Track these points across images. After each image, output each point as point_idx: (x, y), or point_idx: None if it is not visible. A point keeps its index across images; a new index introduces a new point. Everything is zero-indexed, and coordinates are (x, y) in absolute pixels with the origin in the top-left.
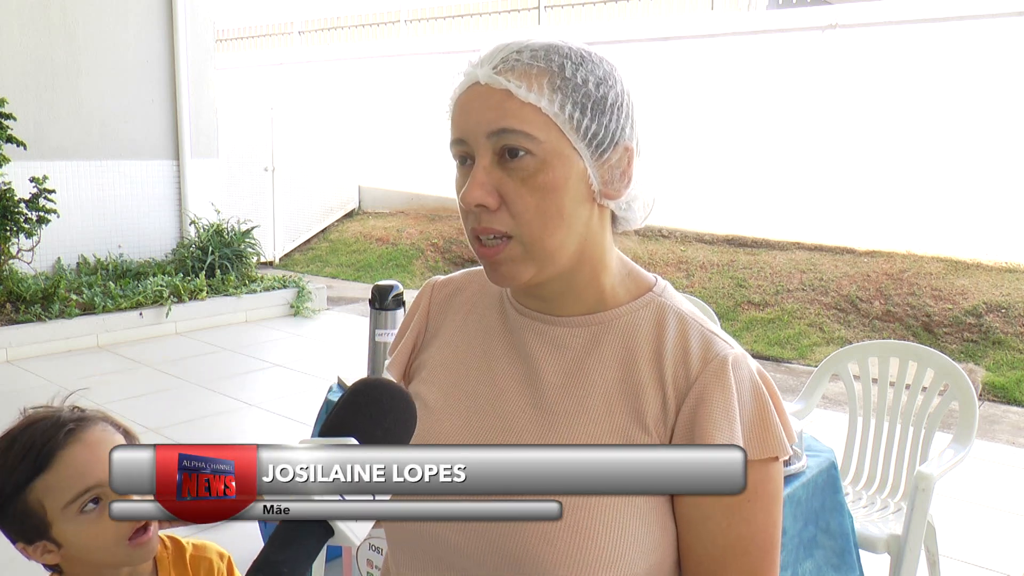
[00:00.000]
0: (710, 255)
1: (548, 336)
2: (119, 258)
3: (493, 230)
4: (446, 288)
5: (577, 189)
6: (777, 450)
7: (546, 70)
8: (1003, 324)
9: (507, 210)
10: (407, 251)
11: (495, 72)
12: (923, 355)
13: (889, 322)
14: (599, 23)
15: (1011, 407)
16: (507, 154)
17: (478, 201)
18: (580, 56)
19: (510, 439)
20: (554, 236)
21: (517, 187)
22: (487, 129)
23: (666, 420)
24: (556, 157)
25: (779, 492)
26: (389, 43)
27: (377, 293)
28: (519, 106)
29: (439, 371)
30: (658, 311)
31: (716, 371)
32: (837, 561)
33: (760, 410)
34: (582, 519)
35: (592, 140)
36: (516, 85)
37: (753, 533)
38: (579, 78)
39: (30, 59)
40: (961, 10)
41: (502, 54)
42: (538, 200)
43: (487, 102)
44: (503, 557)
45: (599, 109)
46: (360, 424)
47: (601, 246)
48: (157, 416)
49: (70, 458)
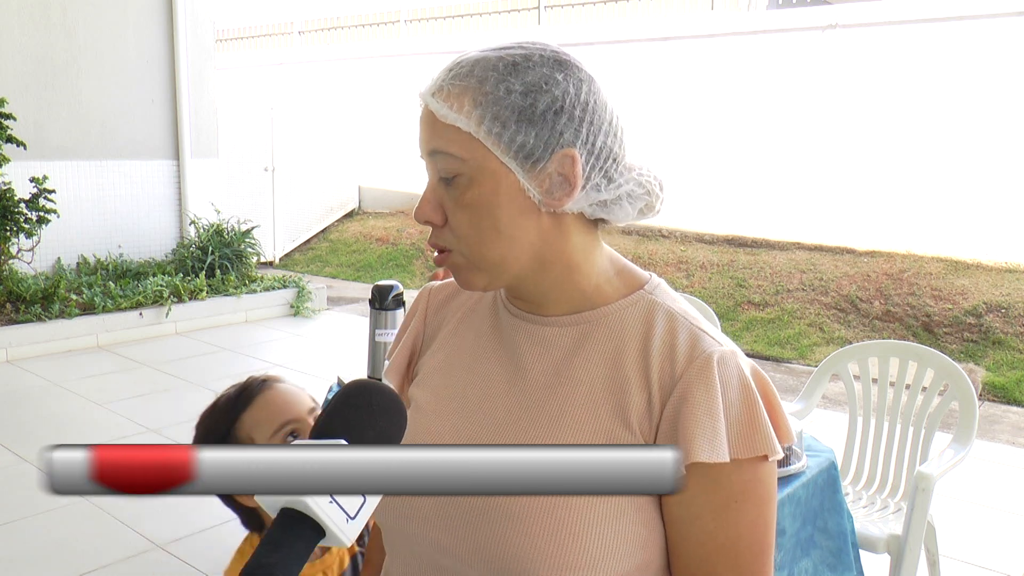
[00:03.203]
0: (710, 255)
1: (537, 336)
2: (119, 258)
3: (438, 246)
4: (442, 293)
5: (512, 202)
6: (766, 449)
7: (467, 87)
8: (1003, 324)
9: (448, 227)
10: (407, 251)
11: (431, 95)
12: (923, 355)
13: (889, 322)
14: (599, 23)
15: (1011, 407)
16: (442, 173)
17: (425, 218)
18: (511, 65)
19: (497, 439)
20: (493, 250)
21: (453, 206)
22: (426, 149)
23: (651, 418)
24: (482, 173)
25: (772, 493)
26: (389, 43)
27: (377, 293)
28: (444, 127)
29: (432, 374)
30: (647, 309)
31: (700, 369)
32: (833, 560)
33: (748, 409)
34: (564, 518)
35: (520, 151)
36: (439, 106)
37: (742, 535)
38: (502, 90)
39: (30, 59)
40: (961, 10)
41: (441, 76)
42: (470, 216)
43: (424, 123)
44: (487, 557)
45: (525, 118)
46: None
47: (567, 251)
48: (157, 416)
49: (267, 399)
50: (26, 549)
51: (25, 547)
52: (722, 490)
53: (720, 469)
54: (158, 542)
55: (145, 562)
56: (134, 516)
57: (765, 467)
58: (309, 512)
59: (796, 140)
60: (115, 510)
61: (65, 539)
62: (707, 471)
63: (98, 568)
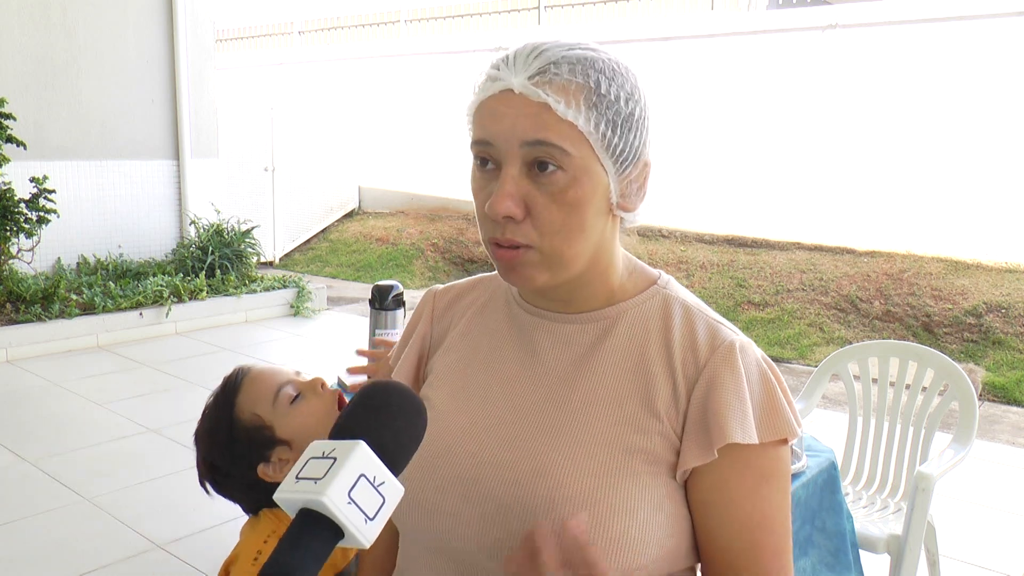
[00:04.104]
0: (710, 255)
1: (558, 333)
2: (119, 258)
3: (515, 241)
4: (447, 295)
5: (599, 203)
6: (787, 432)
7: (583, 86)
8: (1003, 324)
9: (531, 221)
10: (407, 251)
11: (532, 83)
12: (923, 355)
13: (889, 322)
14: (599, 23)
15: (1011, 407)
16: (537, 166)
17: (506, 213)
18: (612, 70)
19: (521, 434)
20: (573, 248)
21: (546, 201)
22: (522, 138)
23: (677, 406)
24: (584, 173)
25: (789, 473)
26: (389, 43)
27: (377, 293)
28: (557, 121)
29: (445, 375)
30: (664, 302)
31: (725, 356)
32: (831, 560)
33: (769, 394)
34: (597, 510)
35: (618, 157)
36: (555, 100)
37: (775, 512)
38: (612, 95)
39: (30, 58)
40: (961, 10)
41: (539, 63)
42: (565, 215)
43: (523, 111)
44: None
45: (627, 126)
46: (370, 427)
47: (611, 250)
48: (157, 416)
49: (253, 377)
50: (26, 549)
51: (25, 547)
52: (753, 471)
53: (751, 451)
54: (158, 542)
55: (145, 562)
56: (134, 516)
57: (785, 449)
58: (328, 513)
59: (796, 140)
60: (115, 510)
61: (65, 539)
62: (739, 453)
63: (98, 568)
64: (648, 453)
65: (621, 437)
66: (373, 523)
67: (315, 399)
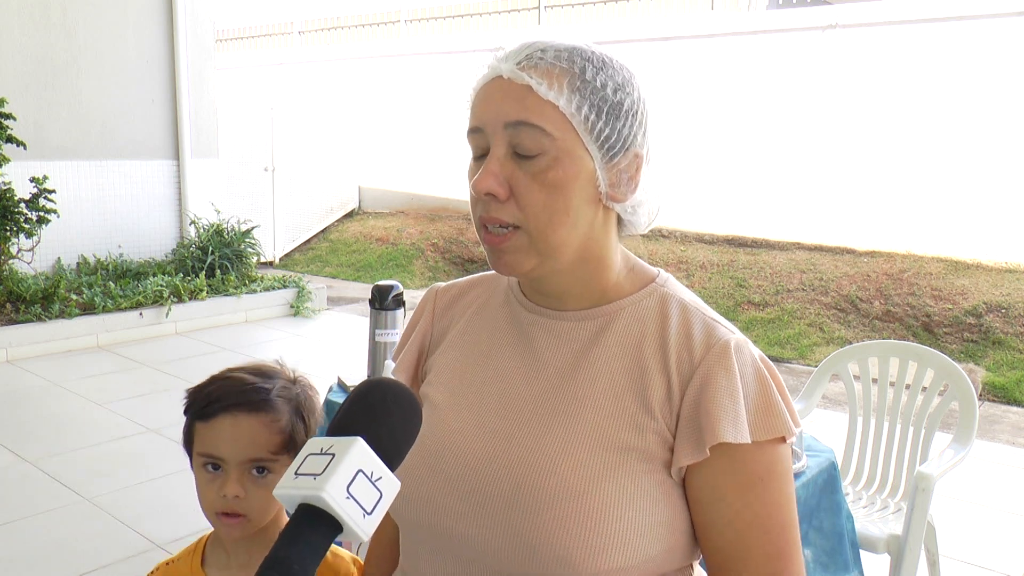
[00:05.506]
0: (710, 255)
1: (555, 330)
2: (119, 258)
3: (499, 220)
4: (449, 293)
5: (585, 189)
6: (783, 431)
7: (568, 71)
8: (1003, 324)
9: (516, 202)
10: (407, 251)
11: (518, 67)
12: (923, 355)
13: (889, 322)
14: (599, 23)
15: (1011, 407)
16: (522, 148)
17: (488, 190)
18: (601, 61)
19: (518, 430)
20: (558, 232)
21: (528, 181)
22: (505, 120)
23: (671, 404)
24: (567, 156)
25: (790, 471)
26: (389, 43)
27: (377, 293)
28: (538, 102)
29: (445, 372)
30: (661, 300)
31: (719, 355)
32: (827, 560)
33: (764, 393)
34: (595, 503)
35: (604, 143)
36: (537, 82)
37: (770, 512)
38: (598, 82)
39: (30, 58)
40: (961, 10)
41: (527, 51)
42: (547, 195)
43: (508, 94)
44: (519, 544)
45: (614, 114)
46: (366, 423)
47: (605, 246)
48: (157, 416)
49: (208, 428)
50: (26, 549)
51: (25, 547)
52: (746, 470)
53: (743, 450)
54: (158, 542)
55: (145, 562)
56: (134, 516)
57: (783, 448)
58: (327, 508)
59: (796, 140)
60: (115, 510)
61: (65, 539)
62: (731, 452)
63: (98, 568)
64: (643, 450)
65: (617, 433)
66: (371, 517)
67: (205, 487)
